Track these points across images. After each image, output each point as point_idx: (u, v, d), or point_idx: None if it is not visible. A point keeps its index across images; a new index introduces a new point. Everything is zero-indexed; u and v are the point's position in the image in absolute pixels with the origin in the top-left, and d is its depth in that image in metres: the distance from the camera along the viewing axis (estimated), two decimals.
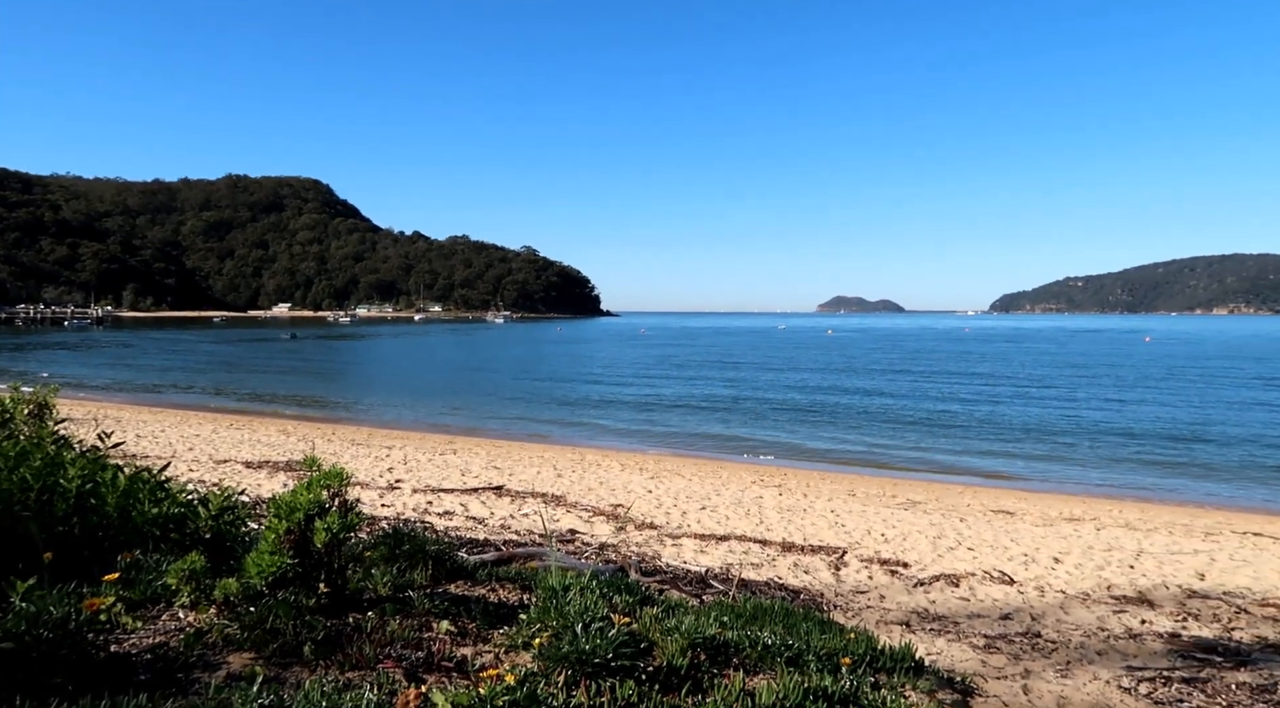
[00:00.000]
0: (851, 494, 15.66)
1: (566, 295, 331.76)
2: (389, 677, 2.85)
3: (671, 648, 3.56)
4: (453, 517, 10.94)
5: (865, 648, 4.62)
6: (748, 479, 17.23)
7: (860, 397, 37.79)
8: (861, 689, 3.75)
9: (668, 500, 13.61)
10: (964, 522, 12.88)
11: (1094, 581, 9.11)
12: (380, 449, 19.13)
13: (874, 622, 6.84)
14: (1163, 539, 12.02)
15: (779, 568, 8.96)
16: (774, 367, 58.77)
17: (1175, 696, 5.03)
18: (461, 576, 4.51)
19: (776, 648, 4.05)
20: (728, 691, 3.24)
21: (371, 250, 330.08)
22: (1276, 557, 10.94)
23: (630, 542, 9.90)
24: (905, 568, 9.33)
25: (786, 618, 5.13)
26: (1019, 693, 4.83)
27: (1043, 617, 7.37)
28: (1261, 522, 14.20)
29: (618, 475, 16.63)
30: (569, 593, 4.10)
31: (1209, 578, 9.45)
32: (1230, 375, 49.20)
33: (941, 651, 6.02)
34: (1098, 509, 15.17)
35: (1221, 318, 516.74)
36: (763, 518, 12.43)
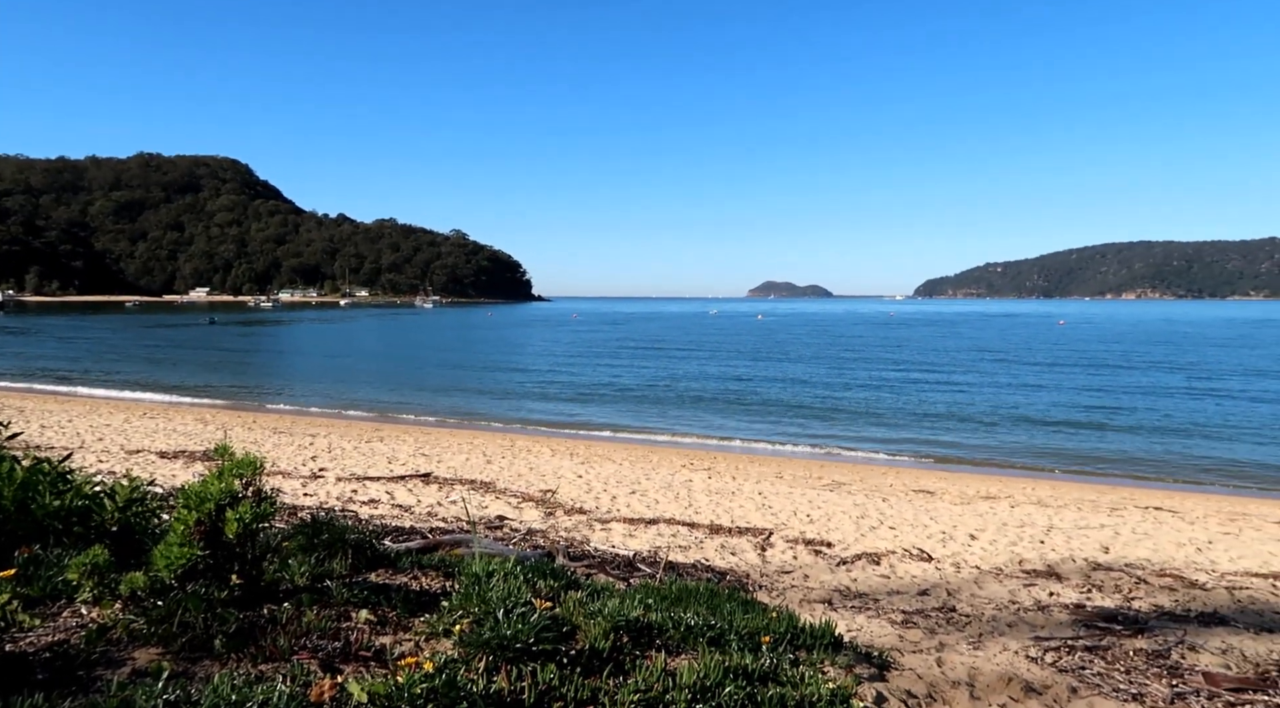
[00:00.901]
0: (779, 476, 15.93)
1: (498, 280, 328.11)
2: (304, 668, 2.79)
3: (594, 631, 3.58)
4: (378, 505, 10.76)
5: (787, 626, 4.72)
6: (678, 463, 17.37)
7: (790, 384, 38.39)
8: (781, 667, 3.83)
9: (598, 485, 13.64)
10: (886, 502, 13.23)
11: (1007, 556, 9.47)
12: (304, 437, 18.68)
13: (797, 601, 6.98)
14: (1072, 515, 12.55)
15: (706, 550, 9.07)
16: (705, 352, 59.26)
17: (1078, 663, 5.27)
18: (383, 564, 4.44)
19: (699, 629, 4.10)
20: (649, 672, 3.27)
21: (294, 233, 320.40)
22: (1174, 530, 11.54)
23: (559, 527, 9.89)
24: (829, 548, 9.54)
25: (711, 599, 5.20)
26: (933, 665, 4.99)
27: (958, 592, 7.63)
28: (1161, 497, 14.95)
29: (548, 461, 16.59)
30: (492, 579, 4.09)
31: (1112, 551, 9.92)
32: (1138, 360, 51.49)
33: (861, 627, 6.18)
34: (1012, 488, 15.75)
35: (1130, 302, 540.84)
36: (692, 501, 12.56)
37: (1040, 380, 38.41)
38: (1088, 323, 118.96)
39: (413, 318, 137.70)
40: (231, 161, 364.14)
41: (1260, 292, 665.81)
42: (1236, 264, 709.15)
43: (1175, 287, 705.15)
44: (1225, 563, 9.42)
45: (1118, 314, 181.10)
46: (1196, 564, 9.28)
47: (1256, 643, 5.93)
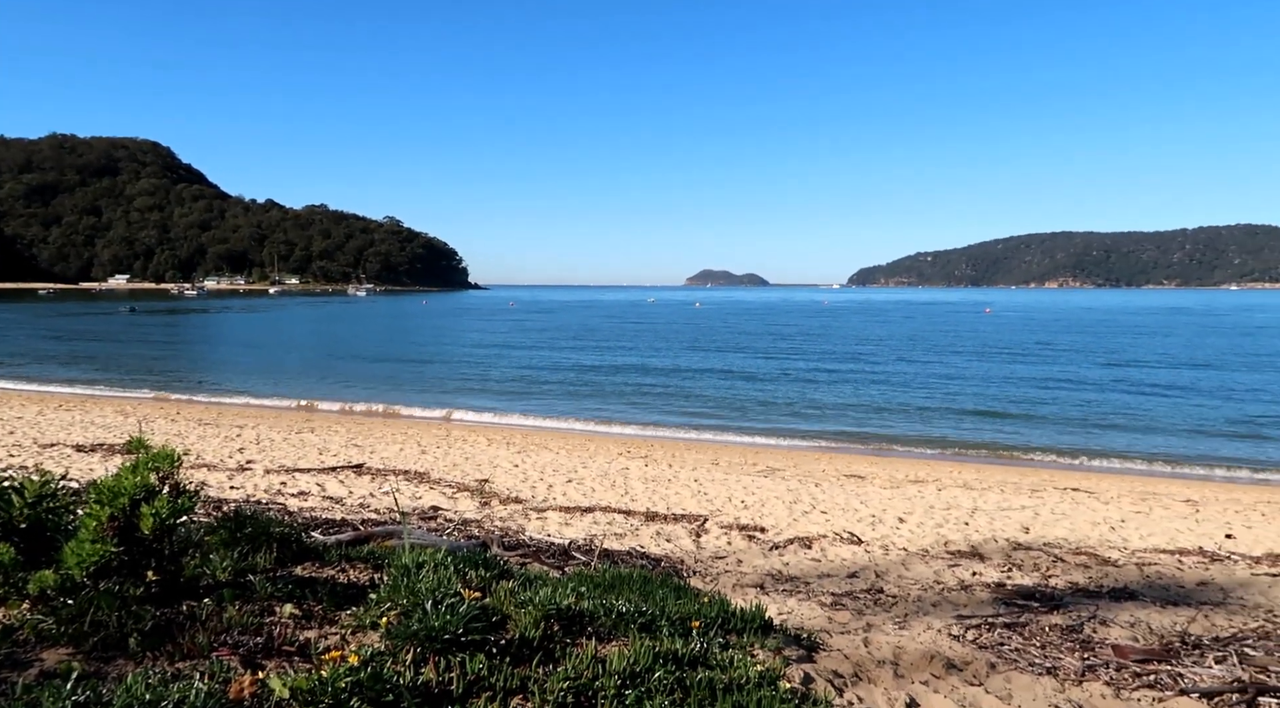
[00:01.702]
0: (715, 463, 16.09)
1: (433, 268, 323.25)
2: (224, 665, 2.73)
3: (525, 620, 3.58)
4: (308, 497, 10.54)
5: (718, 611, 4.78)
6: (615, 451, 17.41)
7: (726, 373, 38.75)
8: (711, 651, 3.88)
9: (534, 474, 13.59)
10: (819, 487, 13.48)
11: (933, 538, 9.75)
12: (231, 429, 18.17)
13: (730, 585, 7.08)
14: (995, 497, 12.98)
15: (642, 537, 9.13)
16: (642, 341, 59.42)
17: (997, 639, 5.46)
18: (309, 557, 4.36)
19: (631, 615, 4.13)
20: (579, 659, 3.29)
21: (220, 219, 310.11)
22: (1090, 510, 12.02)
23: (495, 516, 9.84)
24: (762, 533, 9.69)
25: (644, 586, 5.25)
26: (860, 645, 5.12)
27: (886, 573, 7.83)
28: (1079, 479, 15.56)
29: (484, 450, 16.46)
30: (422, 570, 4.05)
31: (1032, 531, 10.29)
32: (1061, 348, 53.34)
33: (792, 610, 6.30)
34: (940, 471, 16.20)
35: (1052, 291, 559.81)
36: (628, 489, 12.61)
37: (968, 367, 39.52)
38: (1013, 311, 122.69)
39: (345, 306, 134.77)
40: (152, 144, 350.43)
41: (1172, 280, 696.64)
42: (1151, 254, 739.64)
43: (1094, 276, 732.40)
44: (1136, 541, 9.86)
45: (1041, 302, 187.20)
46: (1110, 542, 9.69)
47: (1162, 616, 6.23)
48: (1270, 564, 8.56)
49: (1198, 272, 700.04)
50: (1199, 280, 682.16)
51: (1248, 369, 38.10)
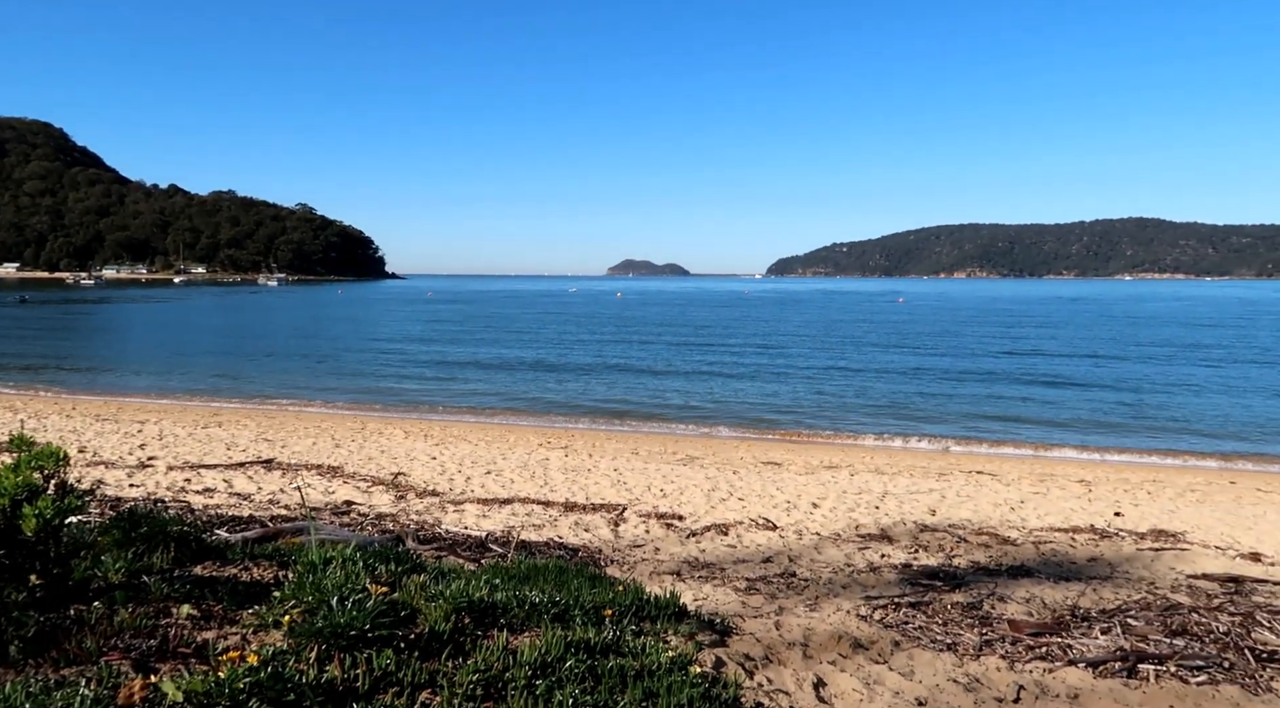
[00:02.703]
0: (635, 452, 16.18)
1: (348, 257, 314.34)
2: (113, 670, 2.62)
3: (435, 614, 3.55)
4: (214, 494, 10.18)
5: (632, 599, 4.83)
6: (535, 442, 17.32)
7: (646, 361, 38.94)
8: (624, 639, 3.92)
9: (452, 466, 13.43)
10: (736, 474, 13.69)
11: (845, 522, 10.02)
12: (131, 425, 17.39)
13: (648, 573, 7.14)
14: (905, 481, 13.41)
15: (560, 528, 9.12)
16: (564, 330, 59.23)
17: (902, 619, 5.66)
18: (211, 556, 4.22)
19: (544, 606, 4.14)
20: (490, 651, 3.28)
21: (119, 205, 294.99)
22: (993, 492, 12.54)
23: (410, 510, 9.69)
24: (680, 520, 9.80)
25: (559, 576, 5.25)
26: (772, 628, 5.24)
27: (799, 558, 8.02)
28: (983, 462, 16.21)
29: (401, 443, 16.18)
30: (329, 567, 3.97)
31: (939, 513, 10.68)
32: (969, 336, 55.34)
33: (708, 595, 6.40)
34: (853, 457, 16.65)
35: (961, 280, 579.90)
36: (547, 480, 12.58)
37: (882, 356, 40.67)
38: (924, 301, 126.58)
39: (256, 296, 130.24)
40: (43, 125, 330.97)
41: (1071, 271, 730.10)
42: (1051, 246, 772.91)
43: (1000, 266, 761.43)
44: (1034, 520, 10.34)
45: (951, 292, 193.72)
46: (1010, 522, 10.13)
47: (1055, 591, 6.55)
48: (1154, 540, 9.09)
49: (1094, 262, 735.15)
50: (1095, 271, 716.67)
51: (1141, 360, 40.22)
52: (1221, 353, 41.75)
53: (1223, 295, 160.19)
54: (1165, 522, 10.41)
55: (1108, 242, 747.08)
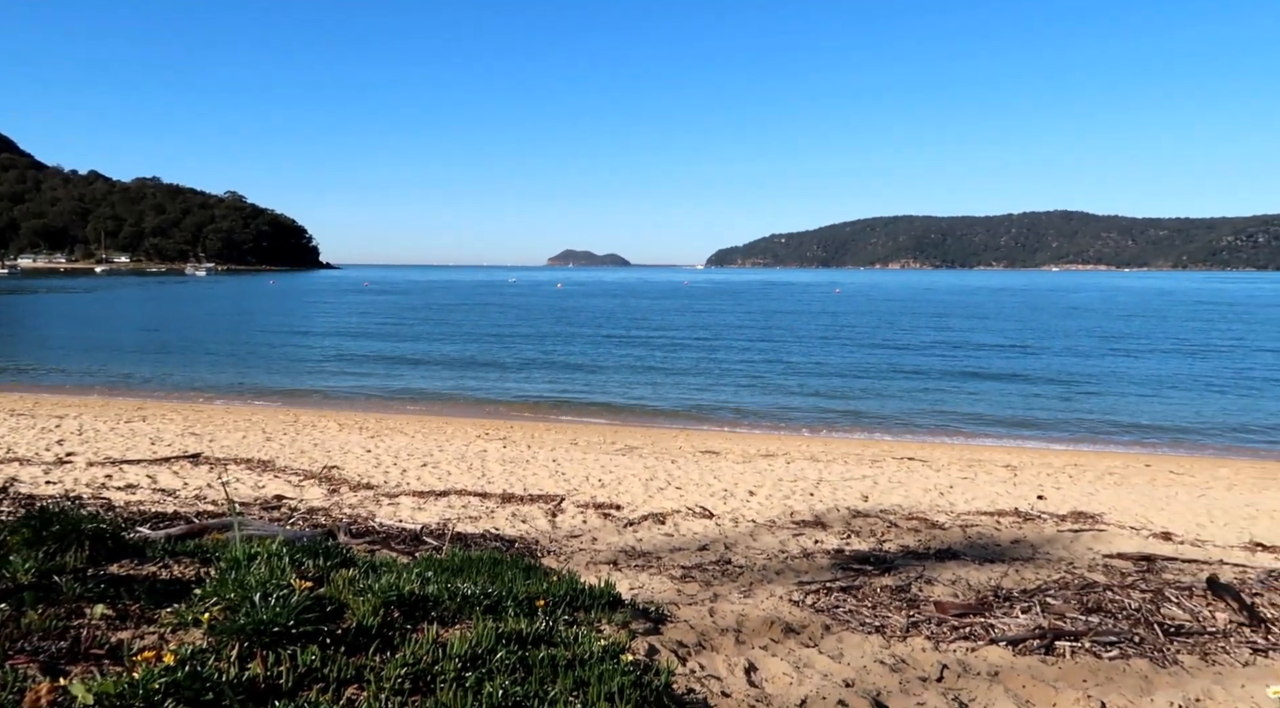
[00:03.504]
0: (574, 443, 16.15)
1: (280, 246, 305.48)
2: (18, 673, 2.52)
3: (363, 609, 3.50)
4: (137, 490, 9.85)
5: (567, 589, 4.83)
6: (473, 434, 17.17)
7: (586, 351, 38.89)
8: (556, 629, 3.92)
9: (387, 459, 13.23)
10: (675, 463, 13.78)
11: (781, 509, 10.17)
12: (48, 420, 16.70)
13: (584, 563, 7.15)
14: (839, 468, 13.66)
15: (497, 519, 9.07)
16: (503, 322, 58.77)
17: (833, 603, 5.78)
18: (129, 554, 4.09)
19: (476, 598, 4.12)
20: (419, 644, 3.25)
21: (35, 191, 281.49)
22: (923, 477, 12.87)
23: (344, 504, 9.52)
24: (618, 510, 9.82)
25: (494, 568, 5.22)
26: (706, 615, 5.30)
27: (735, 545, 8.11)
28: (915, 448, 16.61)
29: (335, 436, 15.87)
30: (254, 562, 3.88)
31: (871, 499, 10.91)
32: (903, 327, 56.57)
33: (644, 584, 6.43)
34: (790, 445, 16.89)
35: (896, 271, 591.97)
36: (485, 471, 12.48)
37: (821, 344, 41.33)
38: (861, 292, 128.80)
39: (183, 287, 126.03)
40: None
41: (1000, 262, 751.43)
42: (981, 237, 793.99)
43: (933, 257, 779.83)
44: (961, 504, 10.64)
45: (886, 283, 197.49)
46: (939, 507, 10.41)
47: (980, 573, 6.76)
48: (1073, 521, 9.44)
49: (1021, 254, 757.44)
50: (1023, 262, 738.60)
51: (1065, 350, 41.61)
52: (1139, 343, 43.45)
53: (1141, 286, 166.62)
54: (1084, 504, 10.81)
55: (1034, 234, 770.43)
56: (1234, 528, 9.54)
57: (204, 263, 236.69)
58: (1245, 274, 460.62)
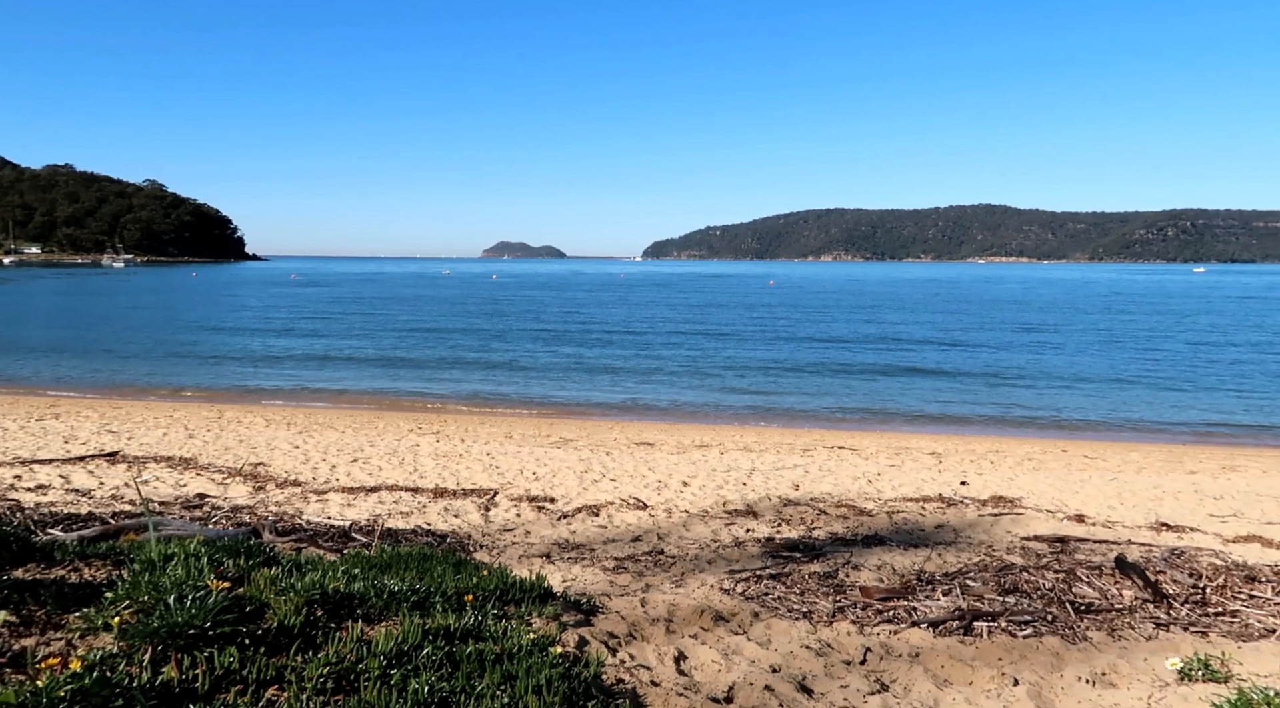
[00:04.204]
0: (509, 436, 16.05)
1: (203, 237, 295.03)
2: None
3: (285, 608, 3.43)
4: (48, 491, 9.45)
5: (497, 583, 4.81)
6: (405, 428, 16.92)
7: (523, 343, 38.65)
8: (485, 623, 3.91)
9: (316, 455, 12.95)
10: (610, 455, 13.80)
11: (714, 499, 10.28)
12: None
13: (517, 557, 7.13)
14: (771, 458, 13.87)
15: (429, 514, 8.97)
16: (438, 315, 57.98)
17: (763, 590, 5.88)
18: (35, 558, 3.92)
19: (404, 594, 4.07)
20: (343, 643, 3.21)
21: None
22: (853, 465, 13.15)
23: (270, 501, 9.30)
24: (552, 503, 9.81)
25: (423, 563, 5.17)
26: (637, 606, 5.33)
27: (668, 535, 8.18)
28: (844, 437, 16.95)
29: (261, 432, 15.46)
30: (170, 563, 3.78)
31: (802, 487, 11.11)
32: (837, 318, 57.59)
33: (577, 576, 6.44)
34: (724, 436, 17.07)
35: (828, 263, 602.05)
36: (417, 466, 12.32)
37: (755, 335, 41.84)
38: (794, 284, 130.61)
39: (100, 279, 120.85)
40: None
41: (928, 254, 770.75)
42: (910, 230, 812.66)
43: (863, 249, 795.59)
44: (889, 491, 10.91)
45: (819, 275, 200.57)
46: (867, 494, 10.66)
47: (904, 558, 6.95)
48: (994, 506, 9.77)
49: (948, 246, 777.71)
50: (950, 254, 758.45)
51: (990, 342, 42.93)
52: (1058, 334, 45.07)
53: (1060, 278, 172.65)
54: (1005, 489, 11.19)
55: (960, 227, 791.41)
56: (1141, 509, 10.00)
57: (122, 254, 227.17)
58: (1155, 266, 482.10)
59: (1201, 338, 41.42)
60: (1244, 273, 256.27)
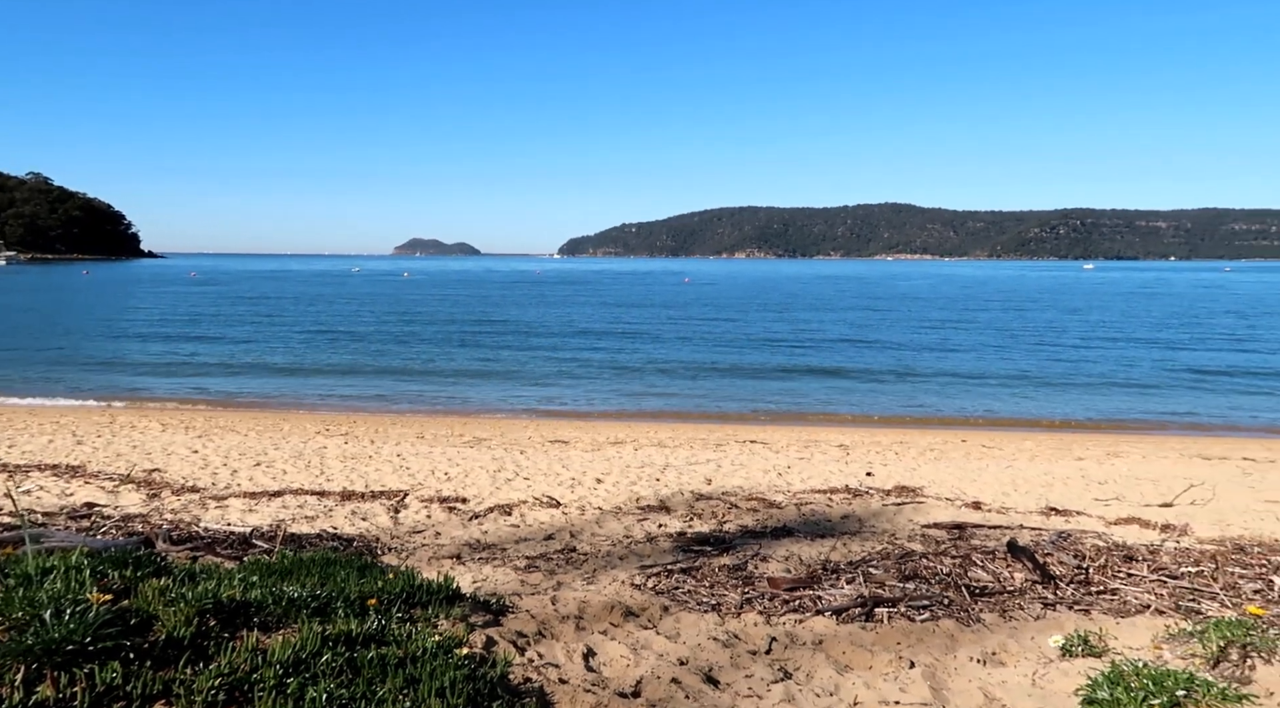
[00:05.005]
0: (420, 437, 15.78)
1: (94, 233, 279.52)
2: None
3: (175, 619, 3.30)
4: None
5: (403, 586, 4.73)
6: (312, 430, 16.45)
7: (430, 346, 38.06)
8: (389, 627, 3.84)
9: (216, 460, 12.47)
10: (524, 454, 13.72)
11: (627, 495, 10.33)
12: None
13: (426, 559, 7.02)
14: (685, 453, 14.01)
15: (336, 518, 8.74)
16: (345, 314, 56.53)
17: (673, 584, 5.94)
18: None
19: (304, 601, 3.97)
20: (237, 653, 3.10)
21: None
22: (764, 459, 13.40)
23: (165, 509, 8.91)
24: (464, 503, 9.69)
25: (326, 568, 5.05)
26: (548, 604, 5.32)
27: (581, 533, 8.18)
28: (756, 432, 17.26)
29: (157, 437, 14.80)
30: (49, 577, 3.59)
31: (714, 482, 11.26)
32: (754, 318, 58.52)
33: (488, 576, 6.39)
34: (638, 432, 17.16)
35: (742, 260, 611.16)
36: (324, 469, 12.00)
37: (670, 332, 42.20)
38: (709, 282, 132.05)
39: None
40: None
41: (837, 251, 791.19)
42: (820, 228, 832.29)
43: (776, 246, 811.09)
44: (798, 483, 11.16)
45: (733, 272, 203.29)
46: (777, 487, 10.88)
47: (811, 548, 7.12)
48: (898, 495, 10.10)
49: (857, 244, 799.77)
50: (858, 251, 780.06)
51: (901, 344, 44.31)
52: (961, 330, 46.87)
53: (962, 275, 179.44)
54: (908, 478, 11.59)
55: (868, 225, 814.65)
56: (1033, 495, 10.50)
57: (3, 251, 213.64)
58: (1049, 263, 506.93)
59: (1092, 332, 43.67)
60: (1128, 269, 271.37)
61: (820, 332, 43.21)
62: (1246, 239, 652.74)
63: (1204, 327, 47.33)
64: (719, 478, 11.60)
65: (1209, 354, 33.45)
